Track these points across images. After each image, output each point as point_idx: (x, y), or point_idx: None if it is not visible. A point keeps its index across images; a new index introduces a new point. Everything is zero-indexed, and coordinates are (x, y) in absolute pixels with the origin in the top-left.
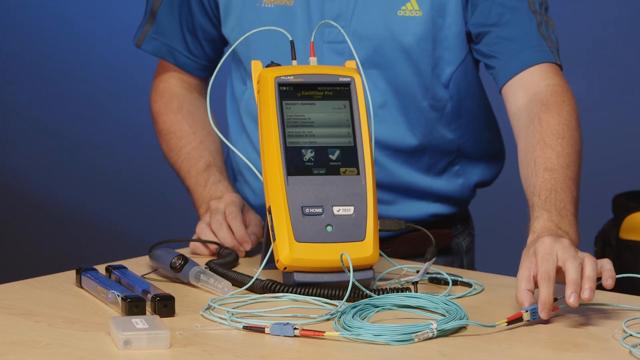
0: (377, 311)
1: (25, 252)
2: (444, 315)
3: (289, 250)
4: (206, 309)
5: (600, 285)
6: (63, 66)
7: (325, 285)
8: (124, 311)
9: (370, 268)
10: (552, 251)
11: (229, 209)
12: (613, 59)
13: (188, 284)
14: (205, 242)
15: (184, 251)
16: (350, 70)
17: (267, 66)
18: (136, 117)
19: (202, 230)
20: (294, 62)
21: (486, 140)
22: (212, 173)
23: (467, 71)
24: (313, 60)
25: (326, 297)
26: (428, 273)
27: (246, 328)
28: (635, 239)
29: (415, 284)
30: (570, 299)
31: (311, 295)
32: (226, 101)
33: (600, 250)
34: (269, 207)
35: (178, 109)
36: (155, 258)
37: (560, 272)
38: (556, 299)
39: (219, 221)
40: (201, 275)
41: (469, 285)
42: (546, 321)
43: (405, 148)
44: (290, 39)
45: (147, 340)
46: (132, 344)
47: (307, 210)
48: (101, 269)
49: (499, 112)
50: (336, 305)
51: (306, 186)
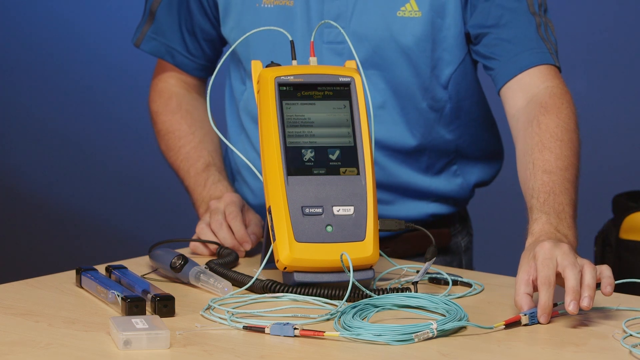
0: (377, 311)
1: (25, 252)
2: (444, 316)
3: (289, 250)
4: (206, 309)
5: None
6: (63, 66)
7: (325, 285)
8: (124, 311)
9: (370, 268)
10: (552, 256)
11: (229, 209)
12: (613, 59)
13: (188, 284)
14: (205, 242)
15: (184, 251)
16: (350, 70)
17: (267, 66)
18: (136, 117)
19: (202, 230)
20: (294, 62)
21: (485, 140)
22: (212, 173)
23: (466, 72)
24: (313, 60)
25: (326, 297)
26: (428, 273)
27: (246, 328)
28: (635, 239)
29: (415, 284)
30: (570, 306)
31: (311, 295)
32: (225, 101)
33: (600, 250)
34: (269, 207)
35: (177, 108)
36: (155, 258)
37: (559, 277)
38: (556, 304)
39: (219, 221)
40: (201, 275)
41: (469, 285)
42: None
43: (404, 148)
44: (290, 39)
45: (147, 340)
46: (132, 344)
47: (307, 210)
48: (101, 269)
49: (498, 112)
50: (336, 305)
51: (306, 186)
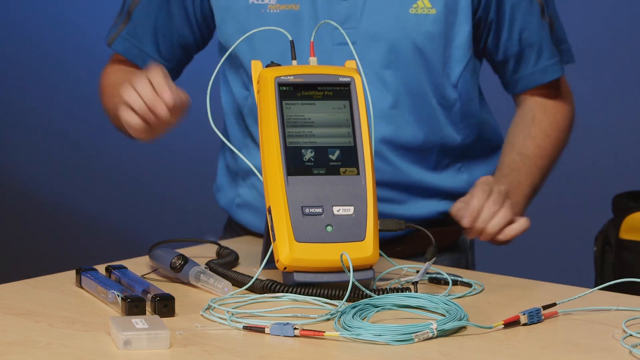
0: (377, 311)
1: (25, 252)
2: (444, 315)
3: (289, 250)
4: (206, 309)
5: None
6: (63, 66)
7: (325, 285)
8: (124, 311)
9: (370, 268)
10: (489, 182)
11: (152, 70)
12: (613, 59)
13: (188, 284)
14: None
15: (184, 251)
16: (350, 70)
17: (267, 66)
18: None
19: (125, 89)
20: (294, 62)
21: (487, 139)
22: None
23: (473, 70)
24: (313, 60)
25: (326, 297)
26: (428, 273)
27: (246, 328)
28: (635, 239)
29: (415, 284)
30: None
31: (311, 295)
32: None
33: (600, 250)
34: (269, 207)
35: (116, 68)
36: (155, 258)
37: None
38: (555, 304)
39: (141, 77)
40: (201, 275)
41: (469, 285)
42: (546, 322)
43: (415, 146)
44: (290, 38)
45: (147, 340)
46: (132, 344)
47: (307, 210)
48: (101, 269)
49: (497, 112)
50: (336, 305)
51: (306, 186)
